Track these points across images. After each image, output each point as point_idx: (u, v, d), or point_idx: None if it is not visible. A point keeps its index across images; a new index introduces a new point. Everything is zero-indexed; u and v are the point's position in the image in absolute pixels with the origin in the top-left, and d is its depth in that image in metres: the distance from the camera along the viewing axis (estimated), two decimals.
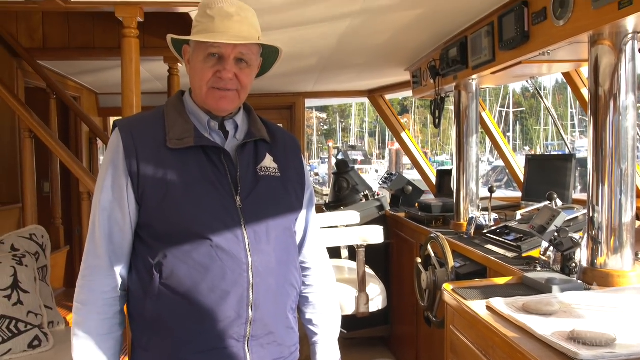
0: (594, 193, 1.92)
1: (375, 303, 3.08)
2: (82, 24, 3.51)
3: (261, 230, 1.33)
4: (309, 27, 2.96)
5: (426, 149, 45.03)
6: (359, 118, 54.09)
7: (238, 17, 1.33)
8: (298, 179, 1.46)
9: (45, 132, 3.00)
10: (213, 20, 1.32)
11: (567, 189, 2.91)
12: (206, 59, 1.33)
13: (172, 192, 1.29)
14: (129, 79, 2.56)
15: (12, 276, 2.37)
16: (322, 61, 3.91)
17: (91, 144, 5.09)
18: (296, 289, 1.44)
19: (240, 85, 1.35)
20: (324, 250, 1.61)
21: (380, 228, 3.06)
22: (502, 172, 19.57)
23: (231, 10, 1.33)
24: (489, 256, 2.42)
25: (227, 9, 1.33)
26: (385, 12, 2.70)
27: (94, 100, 5.41)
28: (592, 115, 1.92)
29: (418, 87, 4.02)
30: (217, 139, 1.38)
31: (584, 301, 1.67)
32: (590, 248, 1.93)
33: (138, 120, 1.42)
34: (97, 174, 1.45)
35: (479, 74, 2.92)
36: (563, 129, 38.59)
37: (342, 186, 4.71)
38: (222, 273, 1.27)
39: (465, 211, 3.23)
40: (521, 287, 1.94)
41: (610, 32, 1.85)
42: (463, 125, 3.25)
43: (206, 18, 1.33)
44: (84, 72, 4.50)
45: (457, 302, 1.85)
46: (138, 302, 1.33)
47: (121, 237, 1.33)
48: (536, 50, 2.28)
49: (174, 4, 2.48)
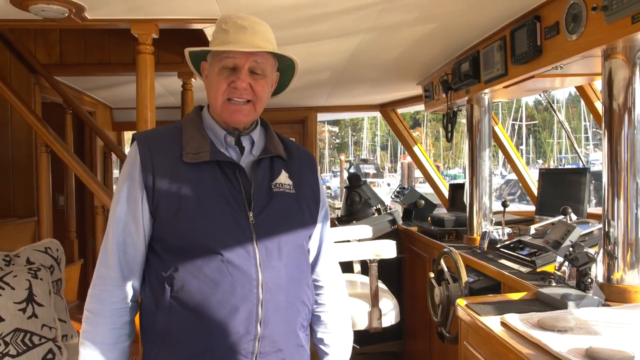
0: (609, 207, 1.90)
1: (388, 318, 3.06)
2: (98, 40, 3.57)
3: (273, 247, 1.33)
4: (322, 43, 2.99)
5: (438, 163, 44.90)
6: (371, 131, 54.10)
7: (252, 29, 1.35)
8: (313, 196, 1.47)
9: (61, 147, 3.04)
10: (227, 33, 1.34)
11: (582, 203, 2.88)
12: (221, 70, 1.35)
13: (185, 205, 1.30)
14: (144, 94, 2.59)
15: (27, 289, 2.39)
16: (334, 75, 3.93)
17: (105, 158, 5.15)
18: (308, 306, 1.43)
19: (255, 96, 1.36)
20: (337, 269, 1.60)
21: (393, 243, 3.05)
22: (515, 186, 19.45)
23: (245, 23, 1.35)
24: (503, 271, 2.40)
25: (241, 22, 1.35)
26: (397, 27, 2.72)
27: (108, 114, 5.48)
28: (607, 129, 1.91)
29: (430, 101, 4.02)
30: (232, 154, 1.39)
31: (600, 317, 1.65)
32: (606, 263, 1.91)
33: (156, 134, 1.44)
34: (112, 188, 1.46)
35: (491, 88, 2.92)
36: (577, 141, 38.27)
37: (354, 200, 4.71)
38: (231, 288, 1.27)
39: (479, 225, 3.20)
40: (536, 302, 1.92)
41: (624, 46, 1.84)
42: (475, 139, 3.24)
43: (221, 32, 1.36)
44: (99, 87, 4.57)
45: (470, 318, 1.83)
46: (149, 315, 1.33)
47: (134, 249, 1.34)
48: (549, 64, 2.27)
49: (188, 21, 2.52)
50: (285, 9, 2.37)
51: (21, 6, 2.26)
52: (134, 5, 2.35)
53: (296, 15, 2.47)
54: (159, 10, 2.43)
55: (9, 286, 2.34)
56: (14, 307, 2.32)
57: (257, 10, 2.34)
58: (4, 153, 3.61)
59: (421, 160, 5.19)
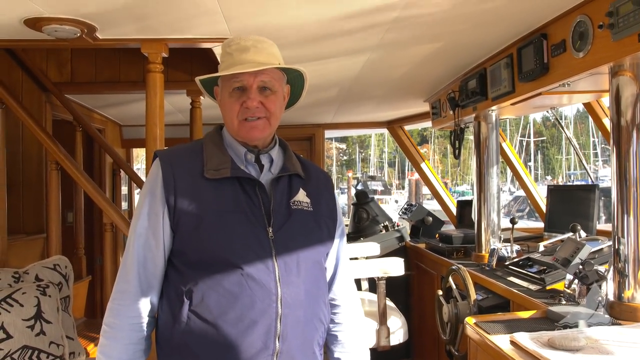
0: (619, 224, 1.89)
1: (397, 336, 3.03)
2: (109, 59, 3.62)
3: (292, 262, 1.34)
4: (329, 61, 3.01)
5: (446, 179, 44.77)
6: (378, 148, 54.15)
7: (254, 48, 1.38)
8: (329, 214, 1.48)
9: (71, 165, 3.07)
10: (232, 56, 1.38)
11: (591, 220, 2.86)
12: (231, 93, 1.38)
13: (206, 220, 1.31)
14: (153, 112, 2.62)
15: (35, 306, 2.40)
16: (341, 93, 3.96)
17: (114, 175, 5.18)
18: (324, 324, 1.43)
19: (269, 112, 1.39)
20: (354, 287, 1.60)
21: (401, 260, 3.03)
22: (524, 202, 19.33)
23: (247, 44, 1.39)
24: (512, 289, 2.38)
25: (244, 43, 1.39)
26: (403, 46, 2.74)
27: (117, 132, 5.53)
28: (615, 145, 1.91)
29: (437, 118, 4.03)
30: (252, 171, 1.41)
31: (612, 336, 1.63)
32: (616, 281, 1.89)
33: (178, 152, 1.46)
34: (120, 205, 1.48)
35: (498, 105, 2.92)
36: (585, 158, 38.11)
37: (362, 217, 4.70)
38: (251, 302, 1.28)
39: (487, 242, 3.19)
40: (546, 321, 1.90)
41: (631, 63, 1.85)
42: (483, 155, 3.24)
43: (226, 56, 1.40)
44: (109, 104, 4.62)
45: (479, 337, 1.81)
46: (166, 328, 1.33)
47: (154, 264, 1.36)
48: (556, 81, 2.28)
49: (197, 40, 2.56)
50: (293, 28, 2.40)
51: (35, 27, 2.30)
52: (145, 25, 2.39)
53: (304, 35, 2.50)
54: (169, 30, 2.47)
55: (18, 303, 2.35)
56: (22, 324, 2.33)
57: (265, 30, 2.38)
58: (14, 170, 3.64)
59: (429, 177, 5.18)
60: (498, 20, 2.35)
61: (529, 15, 2.29)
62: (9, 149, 3.29)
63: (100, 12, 2.21)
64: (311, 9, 2.17)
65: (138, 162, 12.57)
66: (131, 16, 2.26)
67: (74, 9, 2.17)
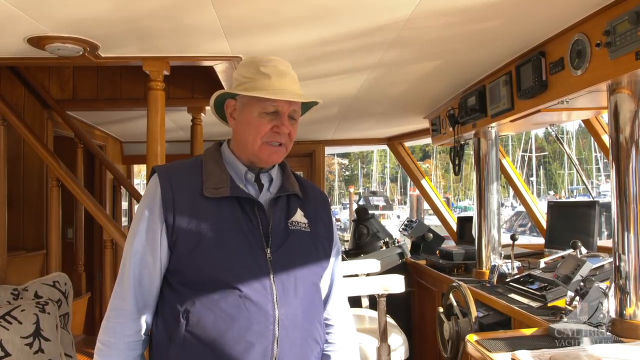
0: (619, 241, 1.88)
1: (397, 354, 3.00)
2: (110, 76, 3.65)
3: (289, 283, 1.33)
4: (330, 79, 3.03)
5: (448, 195, 44.68)
6: (380, 164, 54.21)
7: (290, 76, 1.40)
8: (326, 234, 1.48)
9: (72, 182, 3.07)
10: (269, 78, 1.37)
11: (592, 236, 2.85)
12: (261, 114, 1.37)
13: (204, 240, 1.30)
14: (154, 129, 2.63)
15: (34, 324, 2.38)
16: (342, 110, 3.98)
17: (115, 191, 5.19)
18: (319, 345, 1.42)
19: (290, 140, 1.42)
20: (347, 307, 1.59)
21: (402, 277, 3.01)
22: (526, 217, 19.26)
23: (283, 68, 1.40)
24: (513, 306, 2.37)
25: (280, 67, 1.40)
26: (403, 64, 2.76)
27: (118, 148, 5.55)
28: (614, 162, 1.91)
29: (437, 135, 4.04)
30: (251, 190, 1.41)
31: (614, 354, 1.61)
32: (618, 298, 1.88)
33: (176, 168, 1.44)
34: (121, 221, 1.48)
35: (498, 122, 2.93)
36: (587, 173, 37.95)
37: (362, 233, 4.69)
38: (248, 324, 1.27)
39: (487, 259, 3.18)
40: (547, 338, 1.88)
41: (629, 80, 1.86)
42: (483, 172, 3.24)
43: (260, 75, 1.38)
44: (110, 121, 4.65)
45: (481, 354, 1.80)
46: (161, 348, 1.32)
47: (150, 282, 1.34)
48: (555, 99, 2.30)
49: (199, 59, 2.58)
50: (295, 48, 2.42)
51: (38, 45, 2.32)
52: (146, 44, 2.41)
53: (305, 54, 2.52)
54: (170, 48, 2.49)
55: (17, 320, 2.34)
56: (20, 341, 2.31)
57: (266, 49, 2.40)
58: (15, 186, 3.65)
59: (429, 193, 5.18)
60: (496, 38, 2.37)
61: (527, 34, 2.31)
62: (10, 165, 3.31)
63: (103, 31, 2.23)
64: (311, 29, 2.19)
65: (139, 177, 12.59)
66: (133, 35, 2.29)
67: (77, 28, 2.20)
